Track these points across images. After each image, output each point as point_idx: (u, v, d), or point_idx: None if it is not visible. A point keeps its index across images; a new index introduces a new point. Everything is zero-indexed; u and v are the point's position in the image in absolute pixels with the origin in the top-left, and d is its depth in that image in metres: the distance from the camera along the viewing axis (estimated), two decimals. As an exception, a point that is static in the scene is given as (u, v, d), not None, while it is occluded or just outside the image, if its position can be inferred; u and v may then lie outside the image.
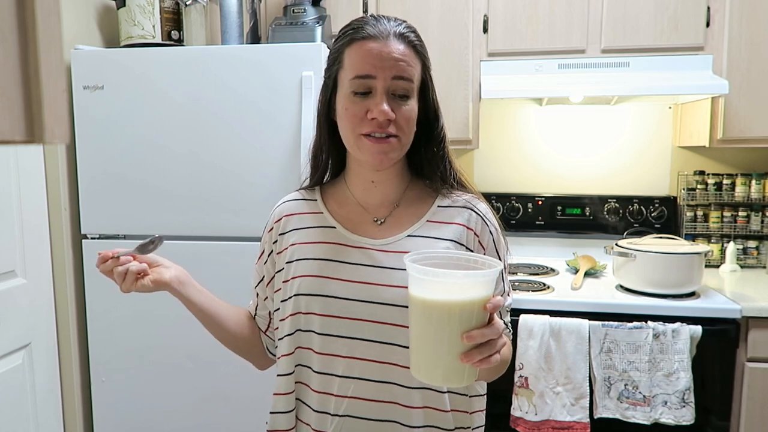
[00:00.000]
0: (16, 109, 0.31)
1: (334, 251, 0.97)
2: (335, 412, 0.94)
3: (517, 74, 2.16)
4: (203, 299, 1.01)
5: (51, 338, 1.91)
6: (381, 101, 0.89)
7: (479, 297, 0.75)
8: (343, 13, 2.17)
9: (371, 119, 0.90)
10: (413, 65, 0.92)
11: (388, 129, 0.90)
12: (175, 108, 1.83)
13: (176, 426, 1.93)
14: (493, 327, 0.75)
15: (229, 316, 1.04)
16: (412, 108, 0.93)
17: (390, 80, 0.90)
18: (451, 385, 0.91)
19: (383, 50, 0.90)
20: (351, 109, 0.92)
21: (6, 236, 1.73)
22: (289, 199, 1.07)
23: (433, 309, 0.75)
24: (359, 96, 0.91)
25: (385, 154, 0.92)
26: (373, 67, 0.90)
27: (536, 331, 1.83)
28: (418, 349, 0.78)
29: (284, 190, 1.14)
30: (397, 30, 0.92)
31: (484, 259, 0.82)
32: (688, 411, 1.77)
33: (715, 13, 2.06)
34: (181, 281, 0.98)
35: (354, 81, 0.91)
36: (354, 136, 0.93)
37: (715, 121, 2.11)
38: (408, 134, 0.94)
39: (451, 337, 0.74)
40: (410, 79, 0.92)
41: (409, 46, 0.92)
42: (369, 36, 0.91)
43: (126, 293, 0.95)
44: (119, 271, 0.93)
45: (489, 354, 0.75)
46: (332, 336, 0.94)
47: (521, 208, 2.48)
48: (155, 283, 0.95)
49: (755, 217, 2.35)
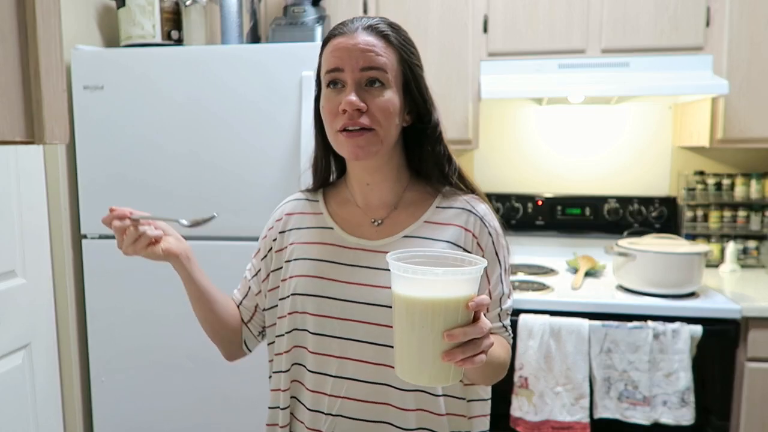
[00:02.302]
0: (16, 109, 0.31)
1: (331, 252, 0.97)
2: (328, 411, 0.94)
3: (516, 74, 2.15)
4: (203, 279, 1.01)
5: (51, 338, 1.91)
6: (349, 92, 0.90)
7: (462, 295, 0.74)
8: (343, 13, 2.16)
9: (343, 112, 0.90)
10: (383, 54, 0.92)
11: (359, 120, 0.90)
12: (175, 108, 1.83)
13: (176, 426, 1.93)
14: (477, 326, 0.74)
15: (221, 301, 1.05)
16: (389, 99, 0.92)
17: (358, 72, 0.90)
18: (436, 385, 0.90)
19: (349, 42, 0.91)
20: (326, 106, 0.93)
21: (6, 236, 1.73)
22: (293, 198, 1.08)
23: (416, 307, 0.74)
24: (333, 91, 0.92)
25: (361, 148, 0.91)
26: (339, 60, 0.91)
27: (536, 331, 1.83)
28: (401, 349, 0.77)
29: (284, 190, 1.14)
30: (367, 23, 0.93)
31: (469, 257, 0.81)
32: (688, 411, 1.77)
33: (715, 13, 2.06)
34: (188, 257, 0.98)
35: (326, 76, 0.93)
36: (333, 133, 0.93)
37: (715, 121, 2.11)
38: (386, 126, 0.92)
39: (435, 336, 0.73)
40: (380, 68, 0.91)
41: (378, 36, 0.92)
42: (339, 33, 0.93)
43: (129, 255, 0.94)
44: (133, 232, 0.92)
45: (472, 354, 0.73)
46: (326, 336, 0.94)
47: (521, 208, 2.48)
48: (165, 252, 0.95)
49: (755, 217, 2.35)
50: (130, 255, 0.94)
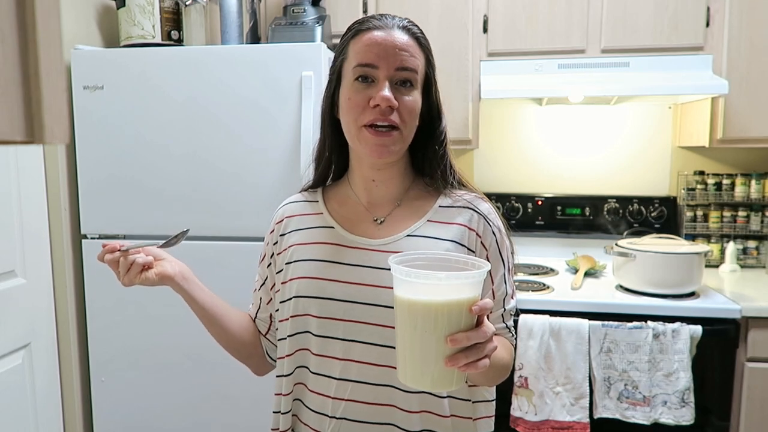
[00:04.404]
0: (16, 109, 0.31)
1: (332, 252, 0.96)
2: (333, 414, 0.94)
3: (516, 74, 2.16)
4: (206, 297, 1.00)
5: (51, 338, 1.91)
6: (383, 87, 0.89)
7: (465, 299, 0.73)
8: (343, 13, 2.16)
9: (374, 107, 0.89)
10: (416, 57, 0.93)
11: (390, 117, 0.90)
12: (174, 108, 1.83)
13: (176, 425, 1.93)
14: (480, 330, 0.73)
15: (231, 316, 1.04)
16: (416, 99, 0.93)
17: (393, 70, 0.90)
18: (439, 390, 0.89)
19: (387, 38, 0.91)
20: (354, 98, 0.91)
21: (6, 236, 1.73)
22: (291, 200, 1.08)
23: (418, 311, 0.73)
24: (362, 84, 0.91)
25: (386, 147, 0.91)
26: (376, 56, 0.90)
27: (536, 331, 1.84)
28: (404, 353, 0.76)
29: (284, 190, 1.14)
30: (401, 23, 0.94)
31: (473, 260, 0.80)
32: (687, 411, 1.77)
33: (714, 13, 2.06)
34: (185, 277, 0.98)
35: (357, 69, 0.91)
36: (356, 127, 0.92)
37: (715, 121, 2.11)
38: (410, 126, 0.93)
39: (438, 340, 0.72)
40: (414, 69, 0.92)
41: (412, 37, 0.93)
42: (374, 27, 0.92)
43: (127, 286, 0.95)
44: (125, 262, 0.93)
45: (475, 359, 0.73)
46: (329, 338, 0.93)
47: (521, 208, 2.48)
48: (159, 276, 0.95)
49: (755, 217, 2.35)
50: (127, 285, 0.95)
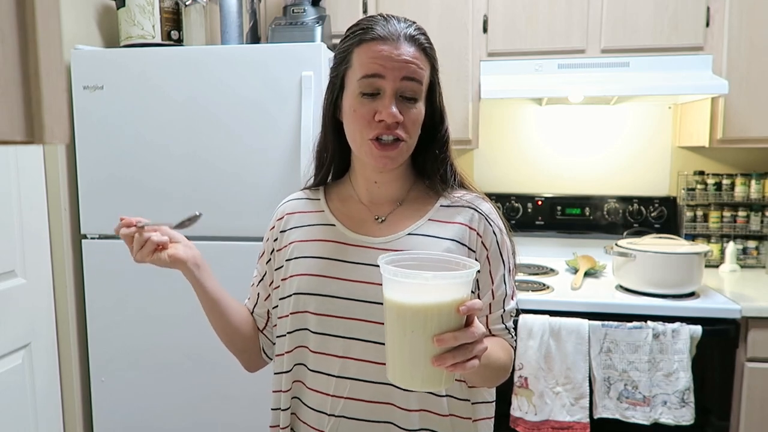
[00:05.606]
0: (16, 109, 0.31)
1: (333, 250, 0.96)
2: (331, 412, 0.94)
3: (516, 74, 2.16)
4: (214, 286, 1.00)
5: (51, 338, 1.91)
6: (390, 103, 0.89)
7: (453, 299, 0.73)
8: (343, 13, 2.16)
9: (379, 121, 0.89)
10: (423, 68, 0.92)
11: (396, 131, 0.90)
12: (174, 108, 1.83)
13: (176, 425, 1.93)
14: (468, 331, 0.73)
15: (234, 309, 1.04)
16: (420, 111, 0.93)
17: (399, 82, 0.89)
18: (428, 390, 0.89)
19: (393, 52, 0.89)
20: (359, 111, 0.91)
21: (6, 236, 1.73)
22: (293, 198, 1.08)
23: (406, 311, 0.73)
24: (367, 97, 0.90)
25: (391, 159, 0.92)
26: (382, 68, 0.89)
27: (536, 331, 1.83)
28: (393, 353, 0.77)
29: (284, 190, 1.14)
30: (408, 32, 0.91)
31: (462, 260, 0.80)
32: (687, 411, 1.77)
33: (714, 13, 2.06)
34: (197, 263, 0.97)
35: (362, 81, 0.90)
36: (361, 139, 0.92)
37: (715, 121, 2.11)
38: (413, 137, 0.94)
39: (426, 340, 0.72)
40: (419, 81, 0.92)
41: (419, 48, 0.92)
42: (379, 37, 0.90)
43: (139, 263, 0.94)
44: (140, 238, 0.92)
45: (463, 359, 0.72)
46: (328, 335, 0.93)
47: (521, 208, 2.48)
48: (171, 258, 0.94)
49: (755, 217, 2.35)
50: (139, 262, 0.94)
